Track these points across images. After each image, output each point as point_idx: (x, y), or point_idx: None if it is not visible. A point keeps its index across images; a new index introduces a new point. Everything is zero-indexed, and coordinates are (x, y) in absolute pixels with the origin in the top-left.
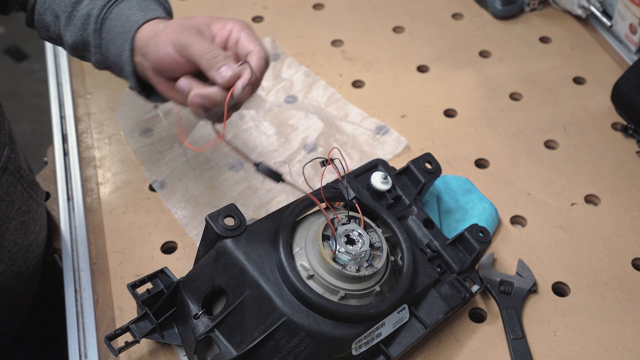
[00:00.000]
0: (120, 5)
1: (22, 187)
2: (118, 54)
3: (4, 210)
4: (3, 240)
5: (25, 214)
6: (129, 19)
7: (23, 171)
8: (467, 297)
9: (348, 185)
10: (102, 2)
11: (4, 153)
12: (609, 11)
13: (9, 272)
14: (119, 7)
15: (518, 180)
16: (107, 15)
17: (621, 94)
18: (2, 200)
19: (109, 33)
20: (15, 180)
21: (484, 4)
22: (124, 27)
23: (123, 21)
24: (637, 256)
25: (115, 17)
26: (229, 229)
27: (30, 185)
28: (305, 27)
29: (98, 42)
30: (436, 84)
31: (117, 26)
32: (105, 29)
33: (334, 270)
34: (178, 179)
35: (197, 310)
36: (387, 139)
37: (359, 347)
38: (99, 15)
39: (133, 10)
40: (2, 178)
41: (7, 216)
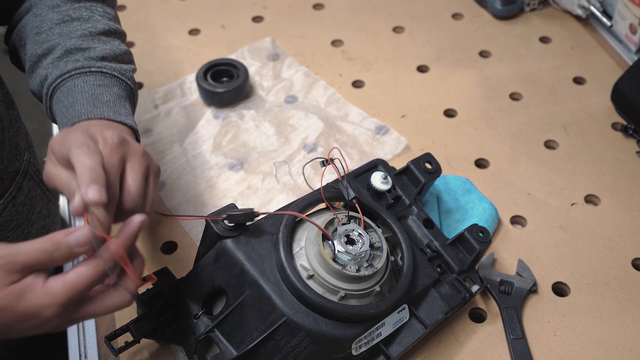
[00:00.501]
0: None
1: (42, 191)
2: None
3: (26, 214)
4: None
5: (46, 217)
6: (74, 106)
7: (42, 175)
8: (467, 297)
9: (348, 185)
10: (58, 72)
11: (24, 158)
12: (609, 11)
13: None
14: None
15: (518, 180)
16: (59, 87)
17: (621, 94)
18: (24, 205)
19: (57, 104)
20: (35, 185)
21: (484, 4)
22: (68, 112)
23: (70, 103)
24: (637, 256)
25: (65, 92)
26: (229, 229)
27: (49, 189)
28: (305, 27)
29: (48, 105)
30: (436, 84)
31: (62, 103)
32: (54, 99)
33: (334, 270)
34: (178, 179)
35: (197, 310)
36: (387, 139)
37: (359, 347)
38: (52, 84)
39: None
40: (23, 183)
41: (29, 220)
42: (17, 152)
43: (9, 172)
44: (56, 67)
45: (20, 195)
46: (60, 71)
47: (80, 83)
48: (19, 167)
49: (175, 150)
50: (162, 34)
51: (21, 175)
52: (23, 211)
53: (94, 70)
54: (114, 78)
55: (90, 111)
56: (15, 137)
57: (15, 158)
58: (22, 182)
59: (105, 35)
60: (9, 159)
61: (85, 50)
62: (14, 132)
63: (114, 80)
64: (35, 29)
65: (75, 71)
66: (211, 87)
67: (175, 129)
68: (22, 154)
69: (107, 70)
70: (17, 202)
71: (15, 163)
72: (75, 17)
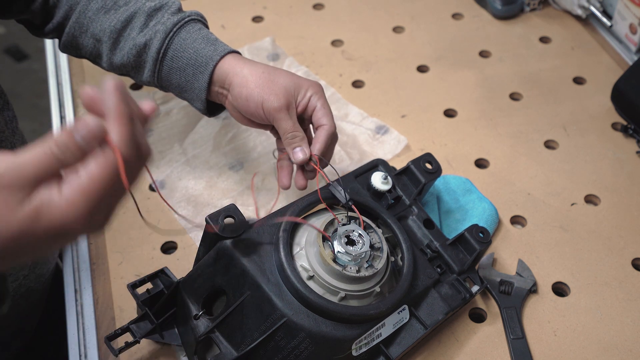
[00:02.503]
0: (180, 35)
1: None
2: (187, 81)
3: None
4: None
5: None
6: (199, 53)
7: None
8: (467, 298)
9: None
10: (162, 35)
11: None
12: (609, 11)
13: (32, 275)
14: (179, 38)
15: (518, 180)
16: (170, 46)
17: (621, 94)
18: None
19: (174, 62)
20: None
21: (484, 4)
22: (197, 61)
23: (192, 54)
24: (637, 256)
25: (179, 48)
26: (229, 230)
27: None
28: (305, 27)
29: (157, 68)
30: (436, 84)
31: (184, 57)
32: (168, 58)
33: (334, 271)
34: (178, 179)
35: (197, 311)
36: (387, 138)
37: (359, 348)
38: (161, 47)
39: (199, 43)
40: None
41: None
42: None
43: None
44: (153, 31)
45: None
46: (163, 33)
47: (185, 35)
48: None
49: (175, 150)
50: None
51: None
52: None
53: (187, 21)
54: (198, 21)
55: (215, 50)
56: (12, 137)
57: None
58: None
59: None
60: None
61: (162, 8)
62: (10, 133)
63: (199, 23)
64: (102, 9)
65: (175, 27)
66: None
67: (175, 129)
68: None
69: (194, 17)
70: None
71: None
72: None
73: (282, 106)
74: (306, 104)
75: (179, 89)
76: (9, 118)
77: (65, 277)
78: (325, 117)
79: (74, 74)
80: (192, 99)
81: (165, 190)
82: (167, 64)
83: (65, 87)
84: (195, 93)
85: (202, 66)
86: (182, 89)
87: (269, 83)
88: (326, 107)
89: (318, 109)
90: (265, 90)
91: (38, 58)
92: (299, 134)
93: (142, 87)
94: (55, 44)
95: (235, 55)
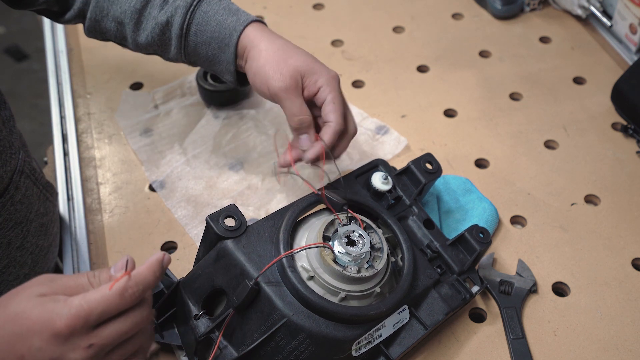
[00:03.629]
0: (201, 9)
1: (38, 189)
2: (214, 55)
3: (24, 213)
4: (25, 243)
5: (44, 215)
6: (222, 25)
7: (37, 173)
8: (467, 298)
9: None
10: (182, 10)
11: (19, 157)
12: (609, 11)
13: (32, 274)
14: (200, 11)
15: (518, 180)
16: (192, 21)
17: (621, 94)
18: (22, 204)
19: (198, 36)
20: (32, 183)
21: (484, 4)
22: (220, 33)
23: (215, 27)
24: (637, 256)
25: (202, 22)
26: (229, 230)
27: (46, 187)
28: (305, 27)
29: (183, 44)
30: (436, 84)
31: (207, 31)
32: (192, 33)
33: (334, 271)
34: (178, 179)
35: (198, 311)
36: (387, 139)
37: (360, 348)
38: (184, 22)
39: (221, 14)
40: (19, 181)
41: (28, 219)
42: (11, 152)
43: (5, 172)
44: (173, 8)
45: (18, 194)
46: (184, 8)
47: (205, 8)
48: (15, 166)
49: (175, 150)
50: None
51: (17, 174)
52: (21, 209)
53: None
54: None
55: (237, 20)
56: (9, 136)
57: (11, 157)
58: (19, 181)
59: None
60: (5, 158)
61: None
62: (8, 131)
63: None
64: None
65: (194, 1)
66: (211, 87)
67: (176, 129)
68: (17, 153)
69: None
70: (15, 200)
71: (10, 162)
72: None
73: (286, 87)
74: (314, 92)
75: (207, 62)
76: (6, 117)
77: None
78: (332, 113)
79: (74, 74)
80: (221, 71)
81: (165, 190)
82: (192, 39)
83: (65, 87)
84: (224, 66)
85: (227, 38)
86: (210, 62)
87: (280, 61)
88: (336, 102)
89: (327, 102)
90: (273, 68)
91: (38, 58)
92: (307, 120)
93: (142, 87)
94: (55, 44)
95: (258, 25)
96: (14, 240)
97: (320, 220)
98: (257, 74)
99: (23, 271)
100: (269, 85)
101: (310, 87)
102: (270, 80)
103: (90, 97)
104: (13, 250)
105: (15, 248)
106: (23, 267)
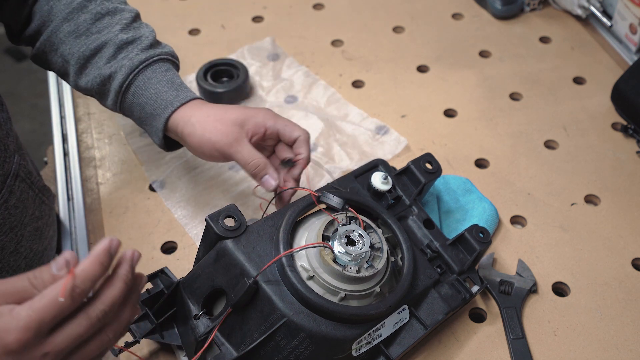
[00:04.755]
0: (146, 73)
1: (34, 192)
2: (145, 118)
3: (18, 217)
4: (19, 247)
5: (39, 219)
6: (160, 95)
7: (33, 177)
8: (467, 298)
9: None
10: (127, 70)
11: (14, 160)
12: (609, 11)
13: None
14: (144, 76)
15: (518, 180)
16: (133, 82)
17: (621, 94)
18: (16, 208)
19: (135, 98)
20: (27, 187)
21: (484, 4)
22: (156, 102)
23: (153, 94)
24: (637, 256)
25: (142, 86)
26: (229, 230)
27: (42, 190)
28: (305, 27)
29: (120, 99)
30: (436, 84)
31: (145, 95)
32: (130, 93)
33: (334, 271)
34: (178, 179)
35: (197, 311)
36: (387, 139)
37: (359, 348)
38: (125, 81)
39: (162, 85)
40: (14, 185)
41: (22, 223)
42: (6, 155)
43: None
44: (119, 65)
45: (12, 198)
46: (129, 69)
47: (150, 74)
48: (9, 169)
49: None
50: (162, 34)
51: (12, 178)
52: (16, 214)
53: (155, 60)
54: (169, 61)
55: (176, 96)
56: (5, 139)
57: (5, 161)
58: (13, 185)
59: (136, 22)
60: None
61: (134, 42)
62: (4, 134)
63: (168, 63)
64: (73, 33)
65: (141, 65)
66: (211, 87)
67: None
68: (11, 156)
69: (163, 56)
70: (10, 204)
71: (5, 166)
72: (104, 12)
73: (233, 141)
74: (263, 132)
75: (139, 122)
76: (3, 120)
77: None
78: (295, 131)
79: None
80: (151, 134)
81: (165, 190)
82: (129, 98)
83: (65, 87)
84: (154, 131)
85: (161, 109)
86: (142, 123)
87: (216, 122)
88: (286, 121)
89: (281, 128)
90: (213, 133)
91: None
92: (261, 162)
93: None
94: None
95: (195, 102)
96: (7, 245)
97: (320, 220)
98: (201, 144)
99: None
100: (216, 149)
101: (256, 129)
102: (215, 144)
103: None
104: (6, 255)
105: (8, 253)
106: (17, 271)
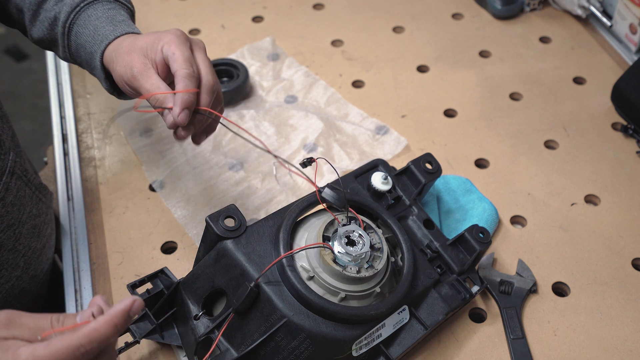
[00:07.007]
0: (88, 11)
1: (31, 190)
2: (88, 60)
3: (16, 214)
4: (18, 245)
5: (37, 217)
6: (97, 32)
7: (30, 175)
8: (467, 298)
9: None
10: (68, 8)
11: (9, 158)
12: (609, 11)
13: (25, 276)
14: (85, 14)
15: (518, 180)
16: (75, 21)
17: (621, 94)
18: (14, 205)
19: (77, 38)
20: (24, 184)
21: (484, 4)
22: (93, 39)
23: (91, 31)
24: (637, 256)
25: (83, 24)
26: (229, 230)
27: (39, 188)
28: (305, 27)
29: (66, 43)
30: (436, 84)
31: (84, 34)
32: (73, 33)
33: (334, 271)
34: (178, 179)
35: (198, 311)
36: (387, 139)
37: (360, 349)
38: (67, 21)
39: (101, 21)
40: (10, 182)
41: (20, 220)
42: (1, 152)
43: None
44: (64, 5)
45: (9, 196)
46: (70, 7)
47: (91, 12)
48: (5, 166)
49: (175, 150)
50: None
51: (8, 175)
52: (13, 211)
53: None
54: (117, 2)
55: (113, 30)
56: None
57: (0, 158)
58: (9, 182)
59: None
60: None
61: None
62: None
63: (117, 4)
64: None
65: (82, 3)
66: None
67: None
68: (7, 154)
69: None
70: (7, 202)
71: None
72: None
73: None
74: (162, 58)
75: (87, 67)
76: None
77: (65, 277)
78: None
79: (74, 74)
80: (98, 78)
81: (165, 190)
82: (73, 40)
83: (65, 87)
84: (97, 72)
85: (97, 45)
86: (89, 66)
87: (124, 56)
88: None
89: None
90: (121, 66)
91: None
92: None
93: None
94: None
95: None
96: (5, 243)
97: (320, 220)
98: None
99: (15, 274)
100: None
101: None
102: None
103: (90, 97)
104: (5, 252)
105: (7, 251)
106: (15, 269)
